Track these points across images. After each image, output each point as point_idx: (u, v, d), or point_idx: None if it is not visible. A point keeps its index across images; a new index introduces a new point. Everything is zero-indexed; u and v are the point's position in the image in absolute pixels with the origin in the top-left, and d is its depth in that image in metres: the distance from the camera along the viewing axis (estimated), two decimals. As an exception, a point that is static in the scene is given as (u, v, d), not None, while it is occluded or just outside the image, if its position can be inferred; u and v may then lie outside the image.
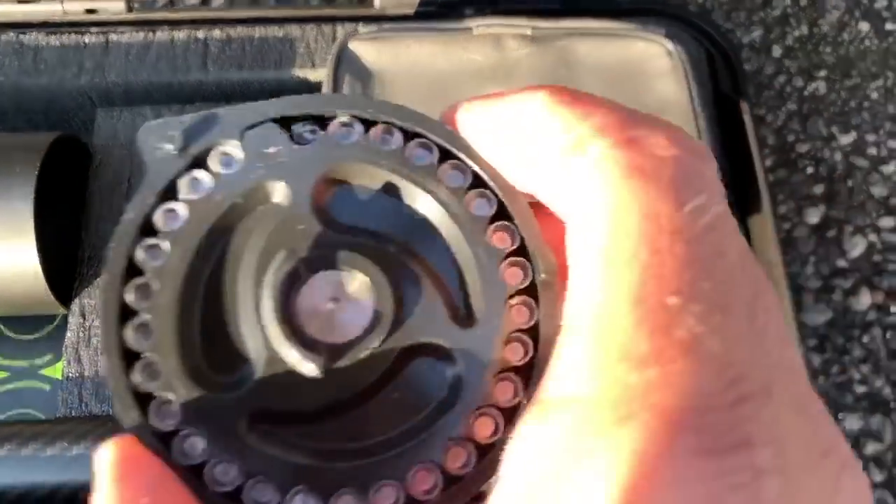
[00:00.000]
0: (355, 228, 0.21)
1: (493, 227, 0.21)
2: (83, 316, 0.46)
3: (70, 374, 0.45)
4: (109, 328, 0.19)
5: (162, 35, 0.52)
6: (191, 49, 0.52)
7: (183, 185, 0.20)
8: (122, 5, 0.53)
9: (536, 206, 0.21)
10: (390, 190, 0.22)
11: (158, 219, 0.20)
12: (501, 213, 0.21)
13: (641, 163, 0.17)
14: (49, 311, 0.47)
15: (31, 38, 0.52)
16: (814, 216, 0.63)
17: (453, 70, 0.48)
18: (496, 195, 0.21)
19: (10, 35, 0.52)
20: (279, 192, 0.21)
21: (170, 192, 0.20)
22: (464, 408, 0.20)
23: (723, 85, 0.54)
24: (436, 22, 0.49)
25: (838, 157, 0.65)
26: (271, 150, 0.21)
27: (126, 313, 0.20)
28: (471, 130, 0.20)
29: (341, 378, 0.20)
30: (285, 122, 0.21)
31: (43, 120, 0.55)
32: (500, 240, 0.21)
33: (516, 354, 0.20)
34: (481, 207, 0.21)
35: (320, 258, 0.20)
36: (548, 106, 0.18)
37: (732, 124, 0.53)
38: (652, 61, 0.48)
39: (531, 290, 0.21)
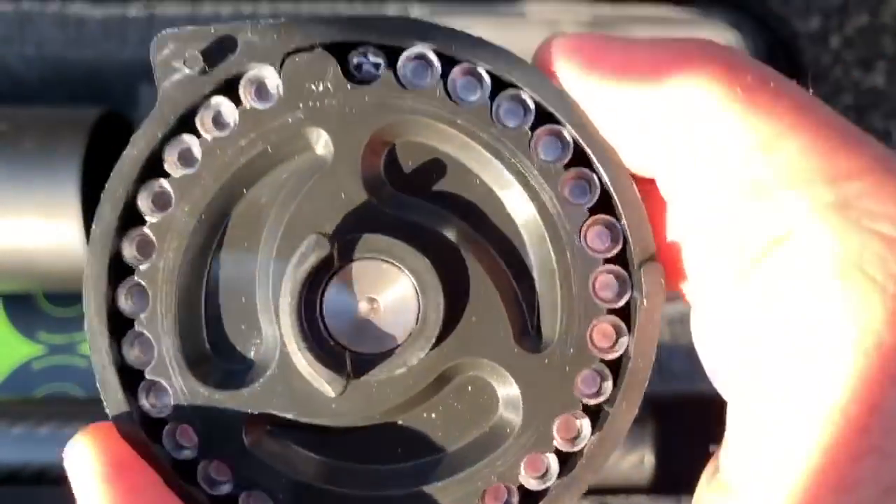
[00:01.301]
0: (410, 203, 0.16)
1: (590, 220, 0.16)
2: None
3: (112, 354, 0.45)
4: (98, 286, 0.16)
5: (207, 9, 0.51)
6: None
7: (201, 117, 0.16)
8: (167, -24, 0.52)
9: (647, 185, 0.16)
10: (463, 159, 0.16)
11: (168, 158, 0.16)
12: (604, 203, 0.16)
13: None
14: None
15: (75, 8, 0.51)
16: (867, 214, 0.61)
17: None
18: (601, 179, 0.16)
19: (55, 5, 0.51)
20: (321, 144, 0.16)
21: (184, 125, 0.16)
22: (512, 451, 0.16)
23: (783, 77, 0.53)
24: (488, 4, 0.47)
25: None
26: (318, 86, 0.16)
27: (120, 271, 0.16)
28: (577, 83, 0.16)
29: (366, 395, 0.16)
30: (340, 50, 0.16)
31: (85, 93, 0.54)
32: (598, 239, 0.16)
33: (589, 387, 0.16)
34: (580, 193, 0.16)
35: (360, 242, 0.16)
36: (721, 99, 0.15)
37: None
38: (713, 52, 0.47)
39: (623, 310, 0.16)
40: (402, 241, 0.16)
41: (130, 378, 0.16)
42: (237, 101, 0.16)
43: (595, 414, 0.16)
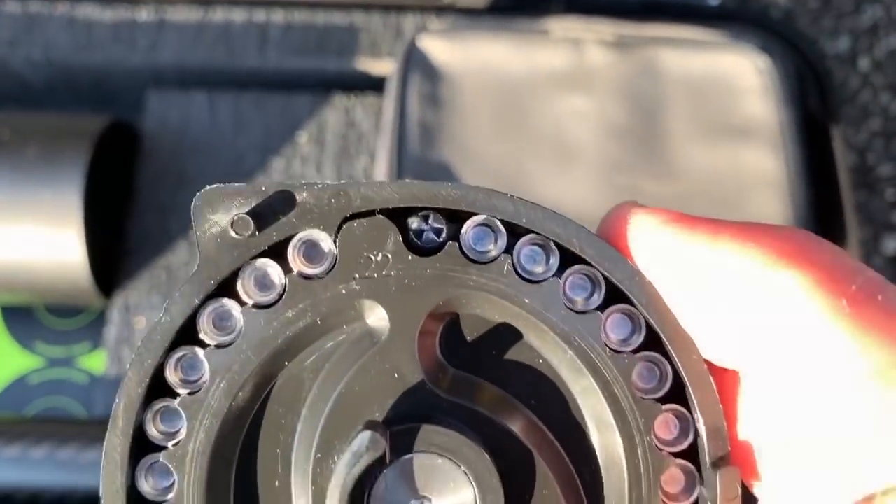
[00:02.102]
0: (469, 387, 0.15)
1: (662, 413, 0.14)
2: (126, 310, 0.44)
3: (111, 373, 0.43)
4: (118, 467, 0.14)
5: (219, 15, 0.50)
6: (249, 32, 0.49)
7: (245, 280, 0.14)
8: (179, -19, 0.50)
9: (723, 376, 0.14)
10: (528, 338, 0.15)
11: (205, 325, 0.14)
12: (676, 395, 0.15)
13: None
14: (91, 302, 0.45)
15: (84, 11, 0.50)
16: (891, 246, 0.59)
17: (528, 73, 0.44)
18: (674, 367, 0.14)
19: (65, 6, 0.50)
20: (375, 316, 0.14)
21: (224, 288, 0.14)
22: None
23: (811, 104, 0.51)
24: (512, 21, 0.46)
25: (919, 180, 0.61)
26: (377, 255, 0.14)
27: (144, 447, 0.14)
28: (655, 266, 0.14)
29: None
30: (400, 211, 0.14)
31: (92, 98, 0.52)
32: (668, 429, 0.14)
33: None
34: (649, 380, 0.14)
35: (414, 435, 0.14)
36: (816, 297, 0.13)
37: (819, 148, 0.50)
38: (741, 77, 0.45)
39: None
40: (460, 435, 0.14)
41: None
42: (285, 264, 0.14)
43: None
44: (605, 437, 0.14)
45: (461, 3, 0.51)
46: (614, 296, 0.14)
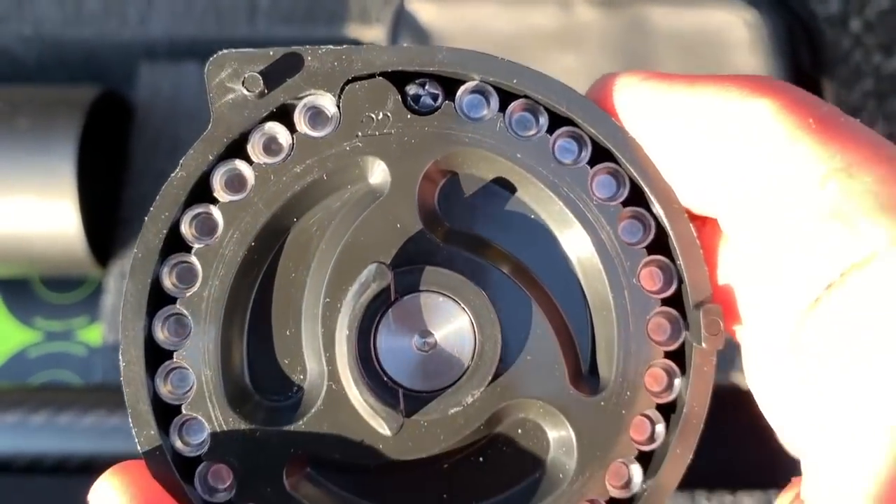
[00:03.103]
0: (466, 236, 0.16)
1: (645, 261, 0.15)
2: (122, 278, 0.44)
3: (109, 340, 0.43)
4: (136, 314, 0.15)
5: (211, -12, 0.50)
6: (238, 3, 0.49)
7: (255, 142, 0.15)
8: (168, -46, 0.50)
9: (703, 224, 0.16)
10: (520, 193, 0.16)
11: (217, 182, 0.15)
12: (659, 244, 0.15)
13: None
14: (87, 272, 0.45)
15: (73, -14, 0.50)
16: (887, 203, 0.59)
17: (517, 33, 0.45)
18: (657, 218, 0.15)
19: (53, -18, 0.50)
20: (377, 174, 0.15)
21: (236, 150, 0.15)
22: (564, 499, 0.15)
23: (802, 60, 0.51)
24: (500, -18, 0.46)
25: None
26: (377, 115, 0.15)
27: (160, 299, 0.15)
28: (637, 119, 0.15)
29: (418, 434, 0.15)
30: (399, 78, 0.16)
31: (83, 73, 0.52)
32: (652, 280, 0.15)
33: (642, 434, 0.15)
34: (634, 232, 0.15)
35: (417, 275, 0.15)
36: (783, 124, 0.14)
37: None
38: (731, 31, 0.45)
39: (677, 354, 0.15)
40: (460, 275, 0.15)
41: (163, 413, 0.15)
42: (291, 126, 0.16)
43: (646, 458, 0.16)
44: (593, 282, 0.16)
45: (450, -32, 0.51)
46: (600, 156, 0.16)
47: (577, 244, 0.16)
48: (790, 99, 0.15)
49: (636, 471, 0.15)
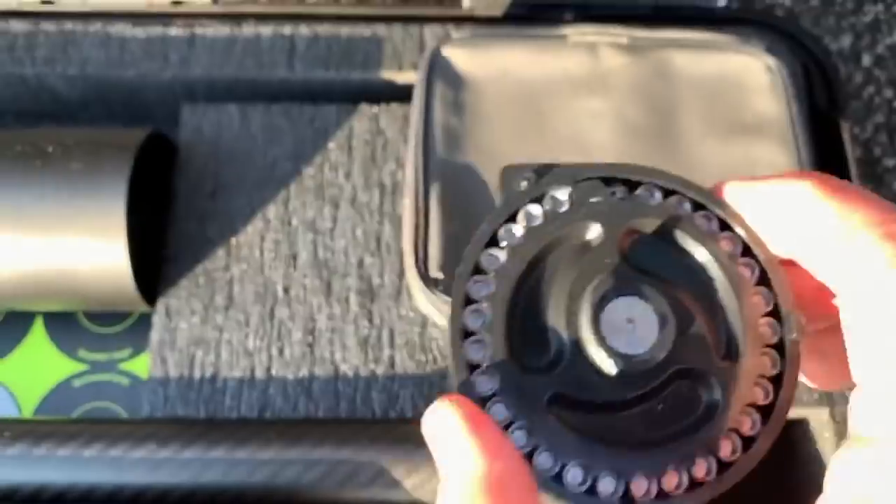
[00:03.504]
0: (648, 269, 0.26)
1: (755, 289, 0.26)
2: (168, 316, 0.46)
3: (155, 375, 0.45)
4: (456, 311, 0.26)
5: (248, 30, 0.52)
6: (277, 46, 0.51)
7: (522, 214, 0.27)
8: (207, -2, 0.52)
9: (788, 264, 0.25)
10: (678, 244, 0.27)
11: (502, 234, 0.27)
12: (762, 279, 0.26)
13: None
14: (134, 309, 0.47)
15: (117, 29, 0.52)
16: (899, 234, 0.61)
17: (546, 78, 0.46)
18: (759, 263, 0.26)
19: (97, 26, 0.52)
20: (593, 232, 0.26)
21: (513, 218, 0.27)
22: (713, 428, 0.25)
23: (819, 100, 0.53)
24: (530, 28, 0.48)
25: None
26: (595, 199, 0.27)
27: (468, 301, 0.26)
28: (739, 205, 0.26)
29: (626, 382, 0.25)
30: (606, 181, 0.27)
31: (124, 112, 0.54)
32: (759, 301, 0.26)
33: (759, 395, 0.25)
34: (747, 272, 0.26)
35: (623, 286, 0.25)
36: (817, 194, 0.23)
37: (828, 141, 0.51)
38: (751, 76, 0.47)
39: (778, 347, 0.25)
40: (651, 287, 0.26)
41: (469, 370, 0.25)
42: (543, 206, 0.27)
43: (766, 415, 0.25)
44: (727, 299, 0.26)
45: (479, 12, 0.53)
46: (724, 228, 0.27)
47: (716, 278, 0.26)
48: (821, 178, 0.23)
49: (758, 418, 0.25)
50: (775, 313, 0.26)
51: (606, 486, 0.24)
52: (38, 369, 0.50)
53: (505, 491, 0.22)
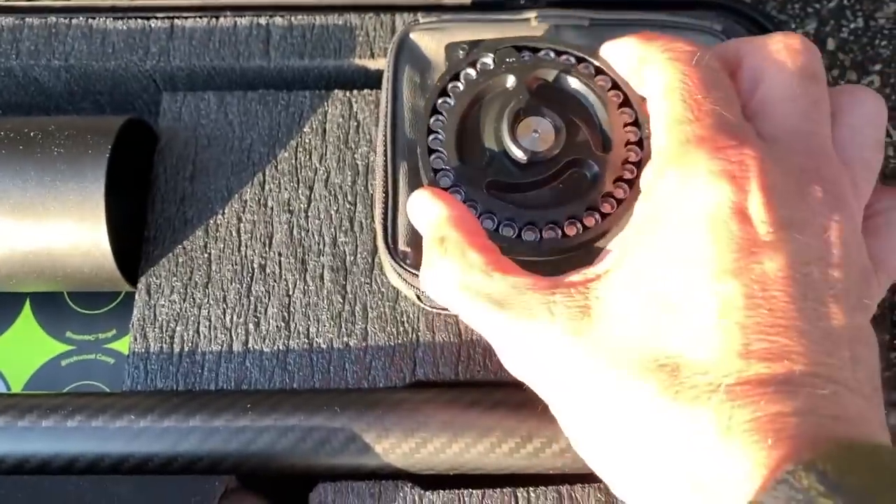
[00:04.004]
0: (548, 99, 0.39)
1: (621, 109, 0.39)
2: (148, 294, 0.48)
3: (136, 350, 0.47)
4: (422, 135, 0.39)
5: (225, 21, 0.54)
6: (253, 35, 0.53)
7: (462, 74, 0.41)
8: (186, -9, 0.54)
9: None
10: (568, 82, 0.40)
11: (450, 88, 0.40)
12: (625, 103, 0.39)
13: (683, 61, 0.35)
14: (116, 289, 0.49)
15: (98, 22, 0.54)
16: (865, 212, 0.63)
17: (511, 61, 0.48)
18: (623, 93, 0.39)
19: (80, 19, 0.54)
20: (510, 81, 0.40)
21: (456, 77, 0.41)
22: (595, 194, 0.37)
23: (779, 80, 0.54)
24: (494, 13, 0.49)
25: (890, 153, 0.65)
26: (510, 60, 0.40)
27: (430, 132, 0.40)
28: (611, 56, 0.40)
29: (536, 168, 0.38)
30: (517, 49, 0.41)
31: (108, 101, 0.56)
32: (623, 115, 0.39)
33: (626, 173, 0.38)
34: (615, 98, 0.39)
35: (530, 109, 0.39)
36: (636, 43, 0.38)
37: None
38: (709, 56, 0.48)
39: (638, 143, 0.38)
40: (549, 110, 0.39)
41: (434, 174, 0.39)
42: (476, 67, 0.41)
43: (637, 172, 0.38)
44: (604, 116, 0.40)
45: (449, 1, 0.54)
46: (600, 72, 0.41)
47: (595, 102, 0.40)
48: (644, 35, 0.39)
49: (626, 188, 0.38)
50: (637, 123, 0.39)
51: (528, 234, 0.37)
52: (26, 350, 0.51)
53: (463, 223, 0.35)
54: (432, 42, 0.48)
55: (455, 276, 0.34)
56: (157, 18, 0.54)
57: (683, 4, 0.56)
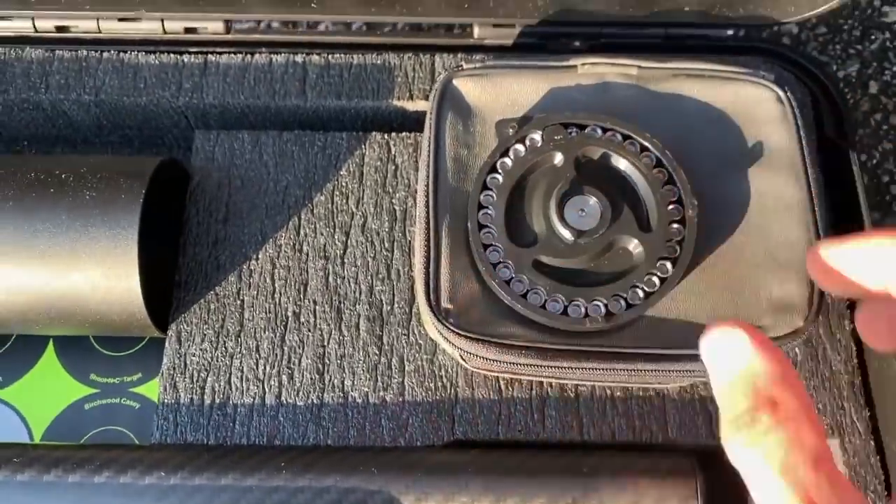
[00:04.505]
0: (594, 177, 0.41)
1: (665, 187, 0.41)
2: (179, 342, 0.47)
3: (166, 401, 0.45)
4: (473, 213, 0.41)
5: (260, 58, 0.52)
6: (289, 73, 0.52)
7: (512, 151, 0.42)
8: (220, 25, 0.53)
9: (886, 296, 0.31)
10: (615, 161, 0.42)
11: (499, 164, 0.42)
12: (670, 181, 0.41)
13: None
14: (146, 334, 0.48)
15: (131, 56, 0.53)
16: (907, 262, 0.61)
17: (555, 109, 0.47)
18: (668, 171, 0.41)
19: (112, 52, 0.53)
20: (557, 159, 0.41)
21: (505, 153, 0.42)
22: (640, 273, 0.39)
23: (827, 129, 0.53)
24: (539, 59, 0.48)
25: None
26: (557, 137, 0.42)
27: (480, 207, 0.41)
28: (838, 263, 0.31)
29: (581, 246, 0.39)
30: (565, 126, 0.42)
31: (137, 136, 0.55)
32: (667, 192, 0.41)
33: (669, 251, 0.40)
34: (660, 175, 0.41)
35: (577, 189, 0.40)
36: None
37: (837, 170, 0.52)
38: (762, 106, 0.47)
39: (682, 221, 0.40)
40: (595, 189, 0.40)
41: (483, 248, 0.40)
42: (525, 144, 0.42)
43: (674, 262, 0.40)
44: (646, 195, 0.42)
45: (490, 41, 0.53)
46: (644, 150, 0.43)
47: (639, 180, 0.42)
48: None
49: (670, 265, 0.40)
50: (680, 201, 0.41)
51: (575, 311, 0.39)
52: (49, 393, 0.50)
53: (798, 390, 0.27)
54: (476, 88, 0.47)
55: (780, 454, 0.26)
56: (190, 53, 0.53)
57: (727, 49, 0.55)
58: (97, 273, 0.44)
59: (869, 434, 0.44)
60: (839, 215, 0.51)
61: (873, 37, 0.68)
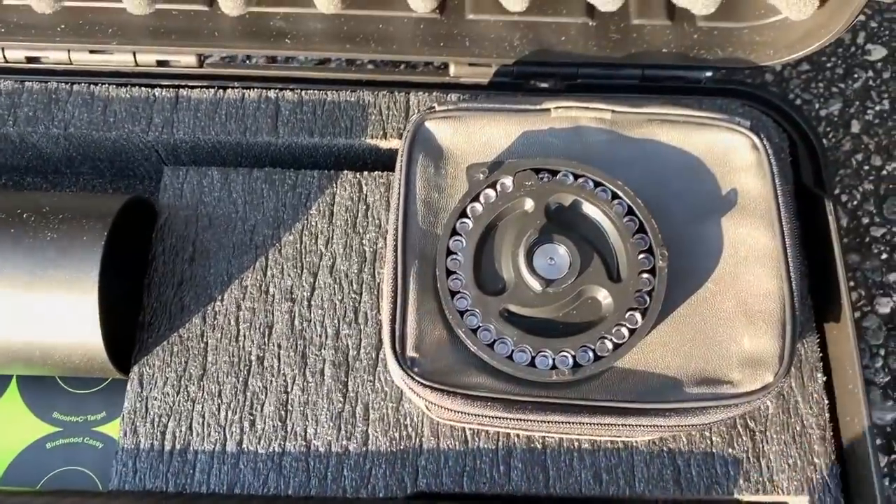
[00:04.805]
0: (564, 224, 0.41)
1: (636, 236, 0.41)
2: (141, 385, 0.46)
3: (125, 446, 0.44)
4: (441, 260, 0.40)
5: (232, 93, 0.52)
6: (261, 109, 0.51)
7: (482, 196, 0.41)
8: (193, 59, 0.52)
9: None
10: (586, 209, 0.41)
11: (469, 209, 0.41)
12: (640, 229, 0.41)
13: None
14: (107, 376, 0.47)
15: (101, 89, 0.52)
16: (885, 306, 0.61)
17: (528, 153, 0.46)
18: (639, 219, 0.41)
19: (82, 85, 0.52)
20: (528, 204, 0.41)
21: (476, 198, 0.41)
22: (609, 324, 0.39)
23: (804, 175, 0.52)
24: (513, 102, 0.47)
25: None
26: (528, 183, 0.41)
27: (449, 252, 0.40)
28: None
29: (550, 296, 0.39)
30: (536, 171, 0.42)
31: (109, 168, 0.54)
32: (638, 242, 0.40)
33: (639, 302, 0.39)
34: (630, 224, 0.41)
35: (547, 237, 0.40)
36: None
37: (813, 216, 0.51)
38: (737, 153, 0.46)
39: (652, 271, 0.40)
40: (565, 237, 0.40)
41: (451, 295, 0.40)
42: (496, 189, 0.41)
43: (644, 314, 0.40)
44: (617, 245, 0.41)
45: (465, 80, 0.53)
46: (616, 197, 0.43)
47: (609, 228, 0.42)
48: None
49: (639, 316, 0.39)
50: (650, 250, 0.40)
51: (542, 362, 0.39)
52: (9, 432, 0.49)
53: None
54: (448, 130, 0.46)
55: None
56: (161, 87, 0.52)
57: (703, 91, 0.54)
58: (55, 317, 0.43)
59: (839, 493, 0.43)
60: (814, 264, 0.50)
61: (856, 75, 0.67)
